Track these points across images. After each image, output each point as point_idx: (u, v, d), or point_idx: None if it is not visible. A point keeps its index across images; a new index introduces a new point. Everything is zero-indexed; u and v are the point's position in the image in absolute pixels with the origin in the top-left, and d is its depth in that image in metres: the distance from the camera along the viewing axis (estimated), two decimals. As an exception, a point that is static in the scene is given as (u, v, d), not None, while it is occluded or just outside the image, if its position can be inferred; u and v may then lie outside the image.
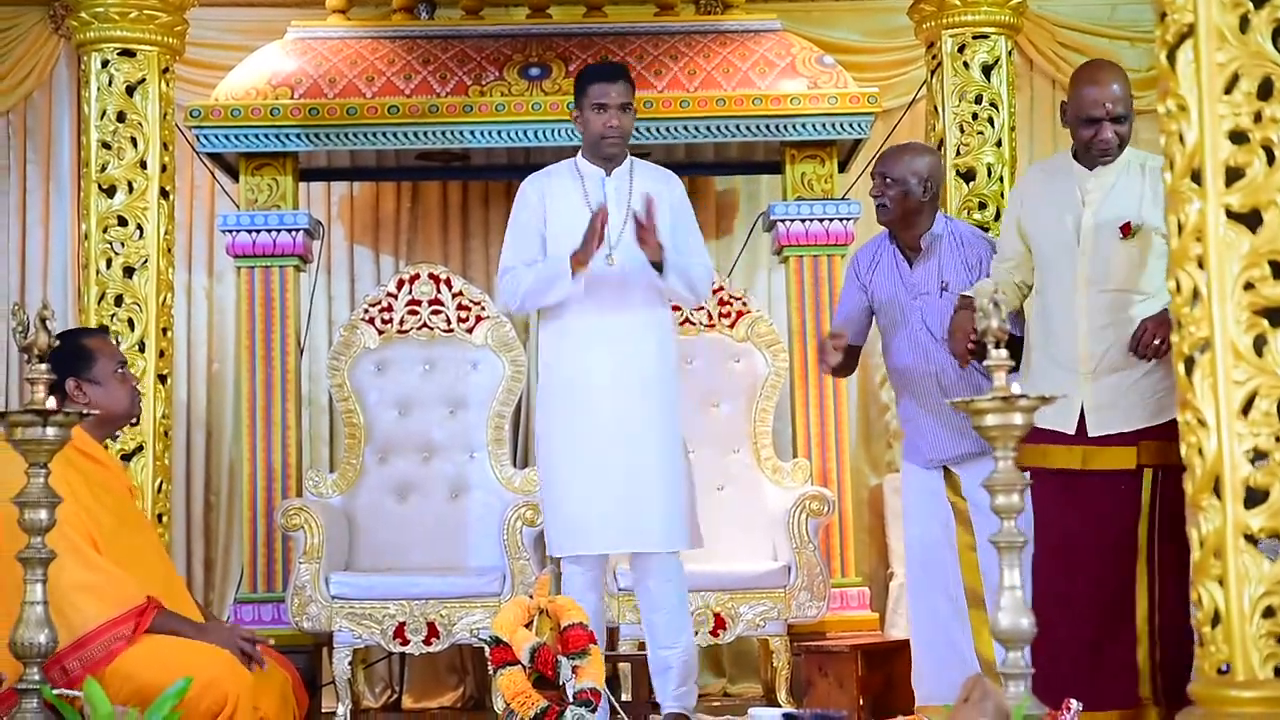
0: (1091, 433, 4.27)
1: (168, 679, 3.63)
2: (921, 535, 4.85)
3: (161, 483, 5.36)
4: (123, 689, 3.60)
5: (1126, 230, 4.19)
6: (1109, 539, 4.22)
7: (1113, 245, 4.26)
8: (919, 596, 4.87)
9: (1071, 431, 4.28)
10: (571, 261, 4.60)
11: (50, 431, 3.04)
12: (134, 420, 4.31)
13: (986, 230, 5.17)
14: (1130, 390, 4.24)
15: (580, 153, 4.86)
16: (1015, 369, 3.76)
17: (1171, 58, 3.10)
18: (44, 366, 3.10)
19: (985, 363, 3.05)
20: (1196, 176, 3.07)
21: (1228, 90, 3.03)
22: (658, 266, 4.64)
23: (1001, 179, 5.23)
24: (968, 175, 5.24)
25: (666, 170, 4.94)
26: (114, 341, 4.26)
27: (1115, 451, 4.23)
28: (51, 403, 3.06)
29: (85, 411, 3.19)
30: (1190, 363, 3.08)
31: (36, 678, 3.06)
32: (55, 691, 3.07)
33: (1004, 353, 3.01)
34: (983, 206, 5.22)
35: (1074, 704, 3.62)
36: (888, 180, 4.69)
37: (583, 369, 4.71)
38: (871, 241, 4.93)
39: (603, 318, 4.70)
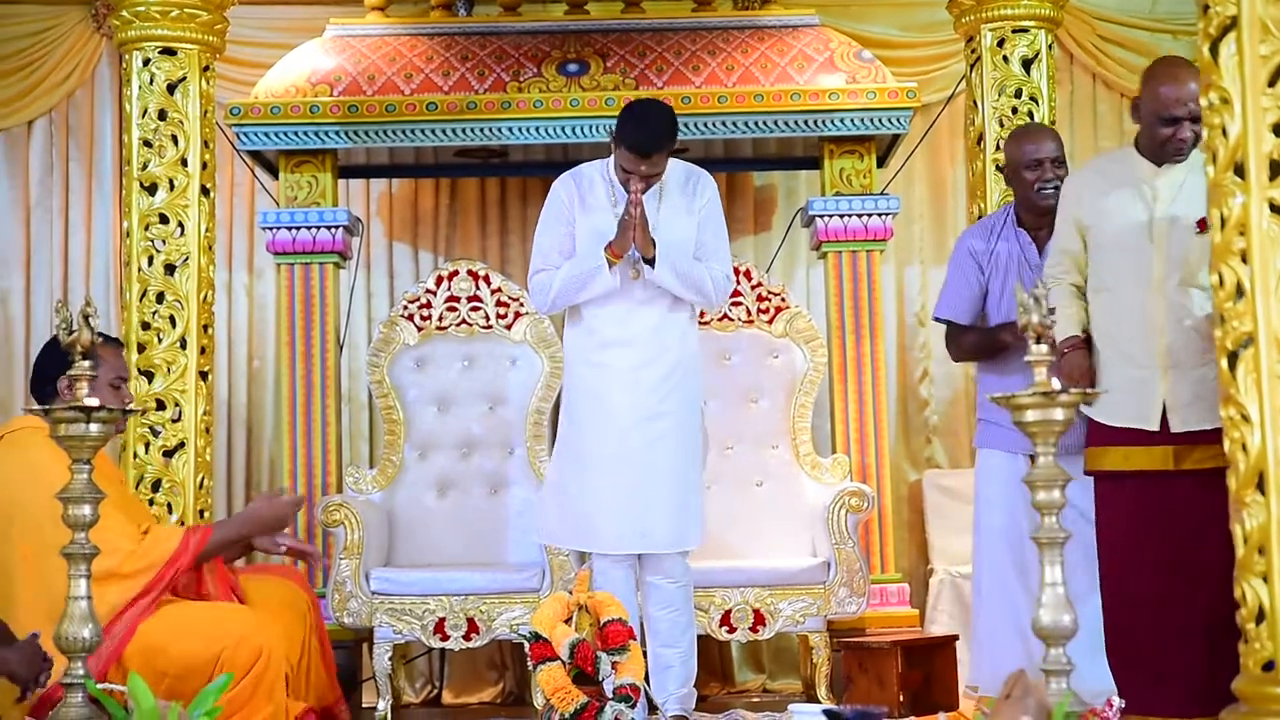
0: (1174, 429, 4.23)
1: (197, 645, 3.73)
2: (1005, 525, 4.81)
3: (203, 479, 5.39)
4: (155, 662, 3.66)
5: (1203, 225, 4.17)
6: (1209, 539, 4.07)
7: (1188, 241, 4.25)
8: (995, 587, 4.82)
9: (1155, 428, 4.24)
10: (607, 252, 4.61)
11: (94, 428, 3.06)
12: (118, 432, 4.34)
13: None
14: (1214, 383, 4.21)
15: (612, 157, 4.86)
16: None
17: (1214, 50, 3.08)
18: (87, 364, 3.13)
19: (1026, 358, 3.03)
20: (1239, 170, 3.05)
21: (1271, 83, 3.01)
22: (649, 262, 4.66)
23: (1042, 173, 5.20)
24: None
25: (701, 170, 4.94)
26: (122, 355, 4.32)
27: (1206, 450, 4.15)
28: (93, 400, 3.09)
29: (126, 409, 3.22)
30: (1233, 358, 3.06)
31: (81, 672, 3.08)
32: (100, 686, 3.09)
33: (1044, 348, 2.99)
34: (1023, 201, 5.19)
35: (1116, 701, 3.60)
36: (1057, 162, 4.81)
37: (603, 369, 4.74)
38: (980, 228, 4.91)
39: (625, 319, 4.74)
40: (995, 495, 4.89)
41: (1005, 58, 5.47)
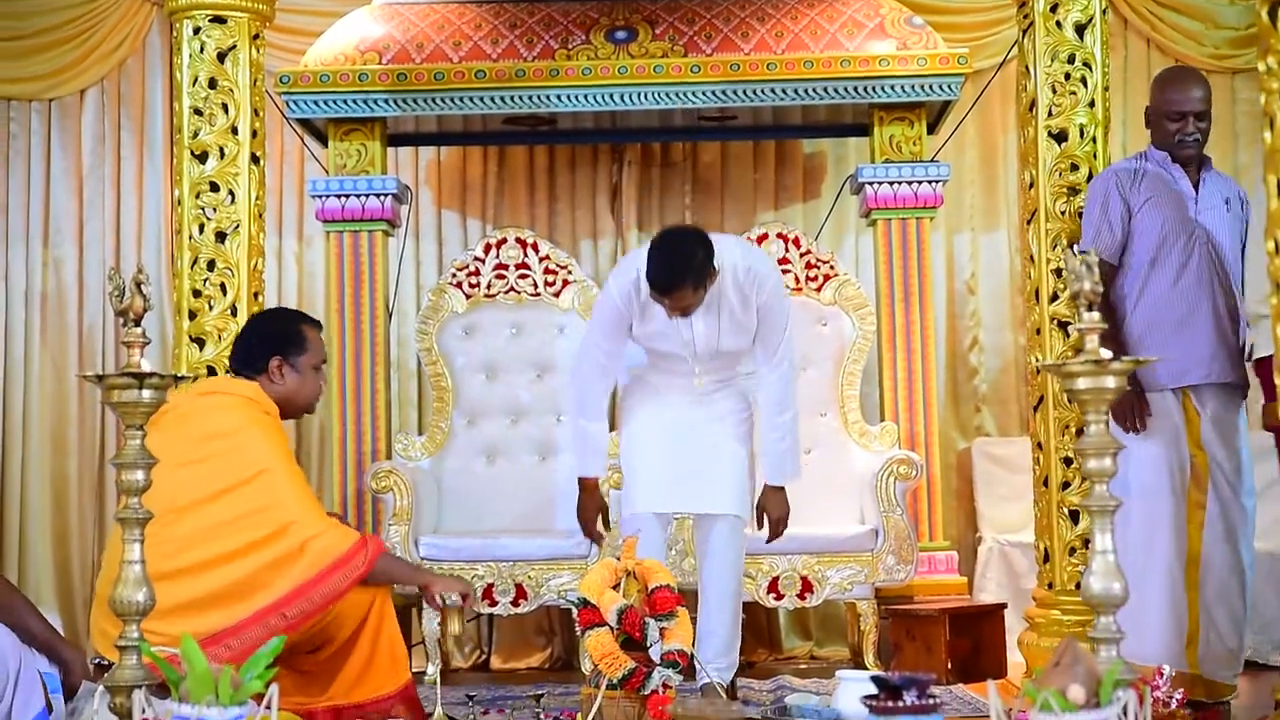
0: None
1: None
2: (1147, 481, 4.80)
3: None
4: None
5: None
6: None
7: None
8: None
9: None
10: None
11: (146, 394, 3.08)
12: (310, 413, 4.49)
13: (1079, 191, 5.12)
14: None
15: None
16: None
17: (1273, 14, 3.05)
18: (140, 330, 3.14)
19: (1078, 326, 3.01)
20: (1296, 135, 3.01)
21: (1329, 47, 2.97)
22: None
23: (1094, 140, 5.16)
24: (1060, 136, 5.16)
25: (757, 271, 4.70)
26: (320, 338, 4.47)
27: None
28: (146, 365, 3.10)
29: (178, 375, 3.23)
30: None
31: (135, 635, 3.11)
32: (154, 649, 3.12)
33: (1096, 315, 2.97)
34: (1074, 168, 5.15)
35: (1166, 669, 3.59)
36: (1201, 115, 4.81)
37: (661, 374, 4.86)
38: (1124, 168, 4.87)
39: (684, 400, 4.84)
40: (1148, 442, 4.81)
41: (1058, 23, 5.41)
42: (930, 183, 6.41)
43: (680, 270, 4.46)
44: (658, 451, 4.77)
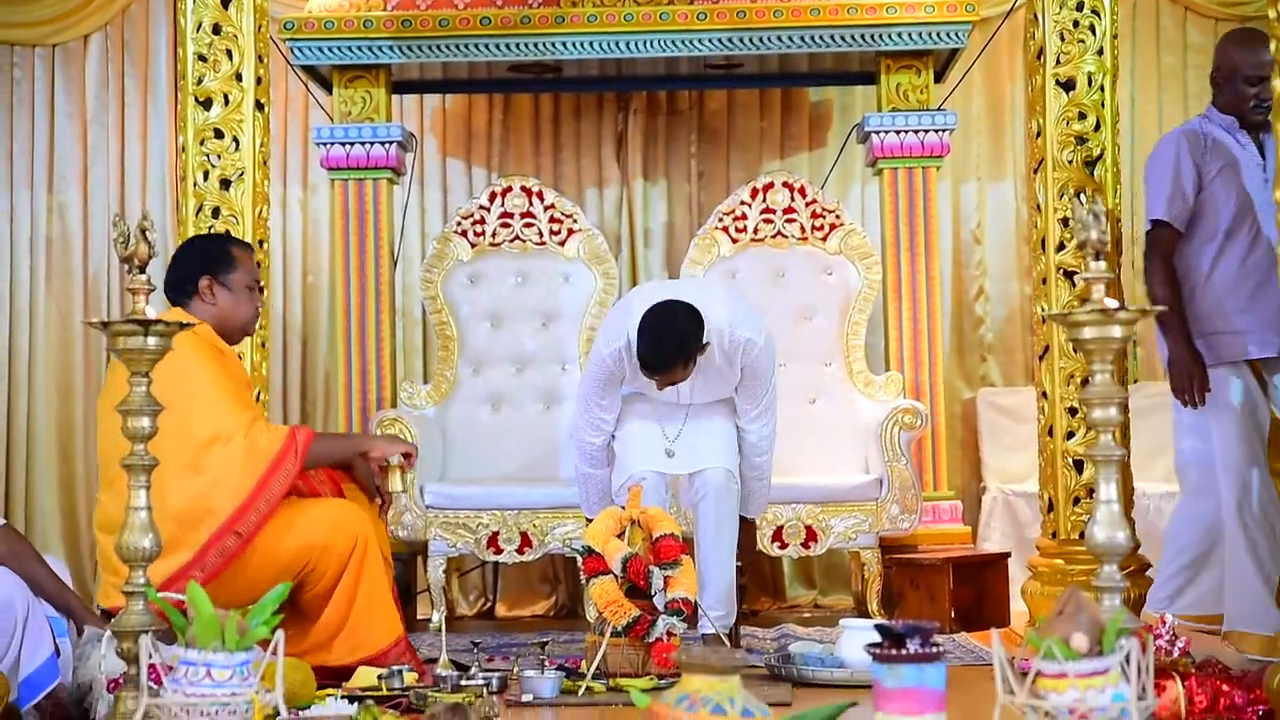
0: None
1: (301, 540, 4.02)
2: (1198, 448, 4.81)
3: (259, 392, 5.42)
4: (268, 568, 3.96)
5: None
6: None
7: None
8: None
9: None
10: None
11: (151, 341, 3.08)
12: (249, 334, 4.53)
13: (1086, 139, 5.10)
14: None
15: None
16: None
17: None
18: (144, 276, 3.14)
19: (1084, 275, 3.00)
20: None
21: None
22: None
23: (1102, 89, 5.13)
24: (1067, 85, 5.13)
25: (741, 340, 4.71)
26: (254, 258, 4.49)
27: None
28: (151, 312, 3.10)
29: (184, 323, 3.23)
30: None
31: (142, 581, 3.12)
32: (160, 595, 3.13)
33: (1103, 264, 2.96)
34: (1082, 117, 5.13)
35: (1169, 618, 3.60)
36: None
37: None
38: (1192, 131, 4.83)
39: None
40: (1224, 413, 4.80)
41: (1067, -30, 5.37)
42: (937, 131, 6.38)
43: (671, 353, 4.54)
44: (651, 428, 4.83)
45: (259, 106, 5.24)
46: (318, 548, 4.09)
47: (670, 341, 4.54)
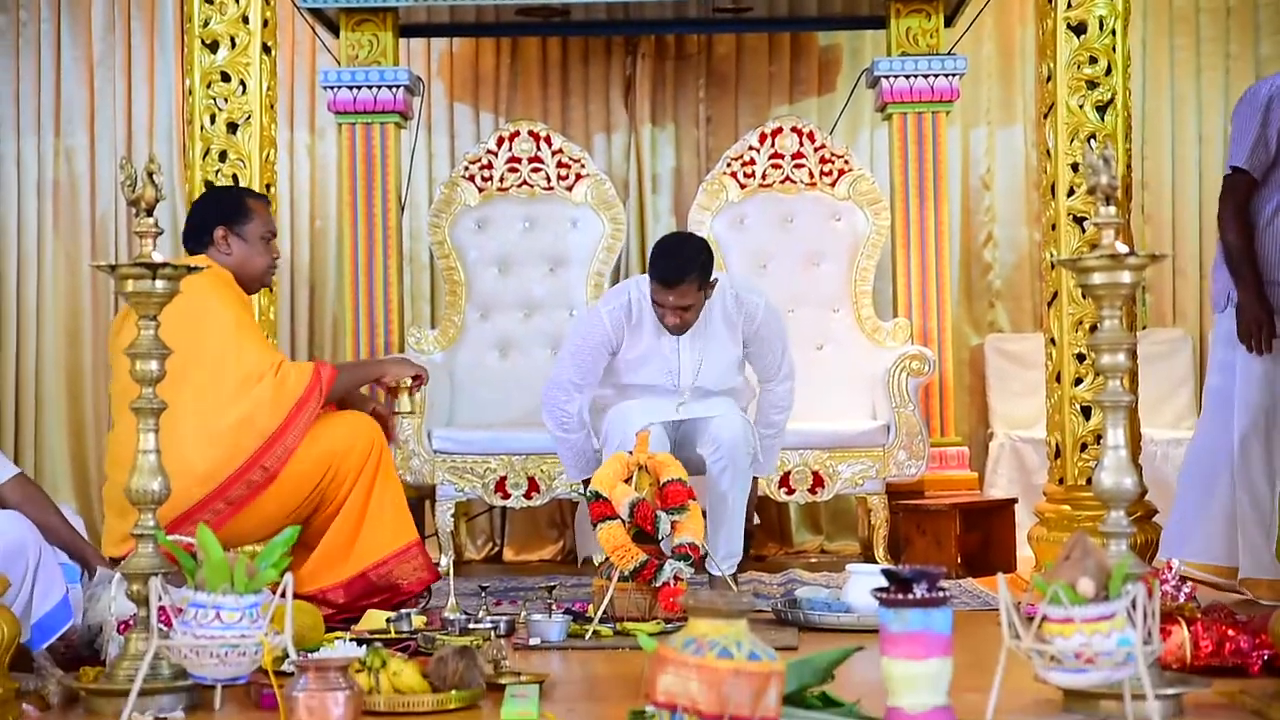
0: None
1: (323, 447, 4.18)
2: (1221, 385, 4.80)
3: (267, 336, 5.42)
4: (289, 480, 4.12)
5: None
6: None
7: None
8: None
9: None
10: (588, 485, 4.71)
11: (159, 285, 3.08)
12: (265, 285, 4.60)
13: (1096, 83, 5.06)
14: None
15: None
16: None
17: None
18: (151, 220, 3.14)
19: (1094, 220, 2.99)
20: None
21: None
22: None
23: (1114, 33, 5.09)
24: (1078, 29, 5.09)
25: (749, 299, 4.83)
26: (269, 209, 4.56)
27: None
28: (158, 256, 3.10)
29: (192, 267, 3.23)
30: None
31: (151, 524, 3.13)
32: (170, 538, 3.15)
33: (1112, 209, 2.95)
34: (1093, 61, 5.09)
35: (1175, 563, 3.61)
36: None
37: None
38: (1266, 87, 4.79)
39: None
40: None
41: (1078, -88, 5.32)
42: (947, 76, 6.35)
43: (688, 263, 4.62)
44: (648, 400, 4.85)
45: (266, 50, 5.22)
46: (339, 452, 4.20)
47: (688, 253, 4.66)
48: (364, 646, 3.17)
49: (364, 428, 4.29)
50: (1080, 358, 5.06)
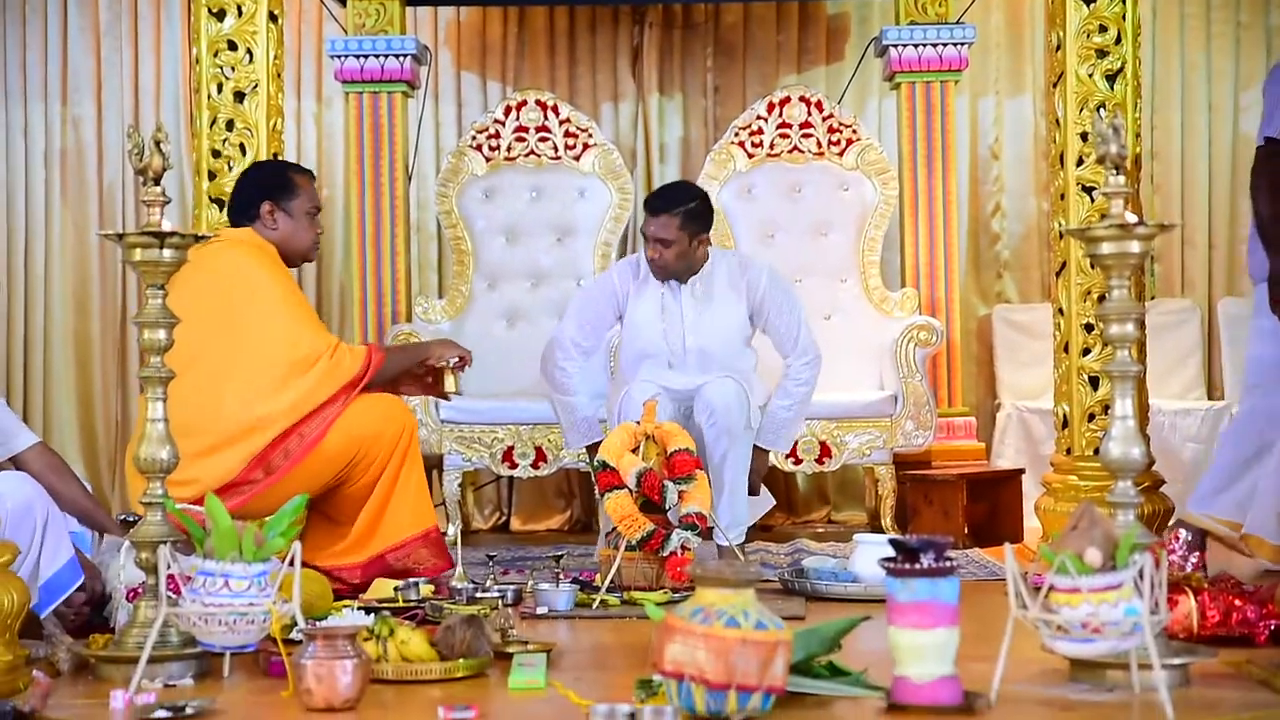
0: None
1: (353, 430, 4.18)
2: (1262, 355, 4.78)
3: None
4: (317, 457, 4.12)
5: None
6: None
7: None
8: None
9: None
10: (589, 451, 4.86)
11: (167, 253, 3.08)
12: (309, 260, 4.61)
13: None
14: None
15: None
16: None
17: None
18: (159, 189, 3.14)
19: (1104, 190, 2.98)
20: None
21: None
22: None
23: (1123, 1, 5.07)
24: (1088, -2, 5.08)
25: (752, 262, 4.97)
26: (314, 185, 4.57)
27: None
28: (166, 224, 3.10)
29: (198, 235, 3.23)
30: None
31: (160, 492, 3.14)
32: (179, 506, 3.15)
33: (1122, 179, 2.94)
34: (1103, 30, 5.07)
35: (1183, 534, 3.61)
36: None
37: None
38: None
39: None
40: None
41: (1089, -120, 5.29)
42: (955, 45, 6.33)
43: (675, 199, 4.81)
44: (656, 372, 4.88)
45: (272, 18, 5.20)
46: (369, 436, 4.21)
47: (679, 191, 4.90)
48: (372, 615, 3.18)
49: (396, 413, 4.31)
50: (1088, 328, 5.06)
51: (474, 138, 6.38)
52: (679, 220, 4.74)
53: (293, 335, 4.20)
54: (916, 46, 6.31)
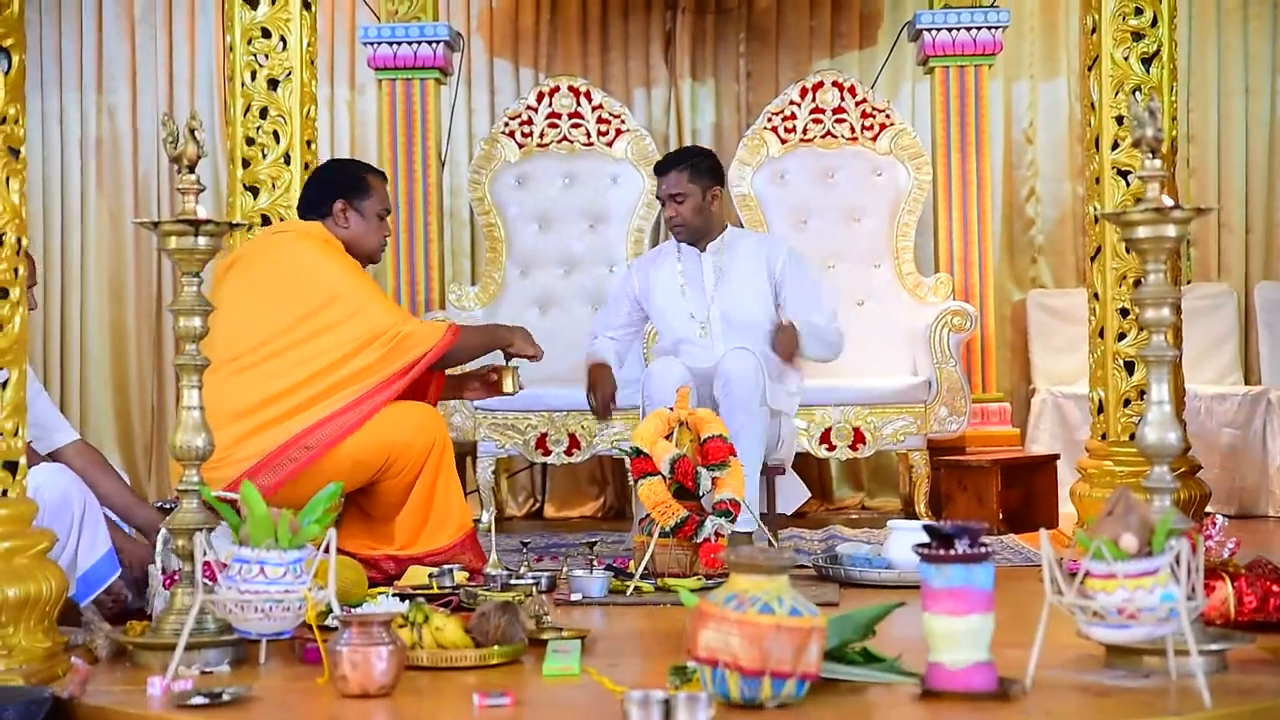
0: None
1: (385, 436, 4.17)
2: None
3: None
4: (346, 459, 4.11)
5: None
6: None
7: None
8: None
9: None
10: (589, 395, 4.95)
11: (202, 241, 3.09)
12: (375, 261, 4.62)
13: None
14: None
15: None
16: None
17: None
18: (193, 176, 3.15)
19: (1140, 173, 2.96)
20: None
21: None
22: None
23: (1159, -15, 5.03)
24: (1122, -18, 5.04)
25: (768, 237, 5.12)
26: (386, 188, 4.62)
27: None
28: (201, 212, 3.11)
29: (233, 222, 3.24)
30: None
31: (195, 479, 3.15)
32: (215, 494, 3.17)
33: (1159, 163, 2.93)
34: (1139, 12, 5.02)
35: (1219, 519, 3.59)
36: None
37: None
38: None
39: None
40: None
41: None
42: (989, 29, 6.29)
43: (682, 155, 5.01)
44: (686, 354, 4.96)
45: (306, 5, 5.21)
46: (400, 444, 4.21)
47: (685, 151, 5.14)
48: (407, 602, 3.19)
49: (428, 424, 4.30)
50: (1124, 313, 5.02)
51: (506, 124, 6.38)
52: (688, 173, 4.91)
53: (365, 313, 4.22)
54: (950, 30, 6.29)
